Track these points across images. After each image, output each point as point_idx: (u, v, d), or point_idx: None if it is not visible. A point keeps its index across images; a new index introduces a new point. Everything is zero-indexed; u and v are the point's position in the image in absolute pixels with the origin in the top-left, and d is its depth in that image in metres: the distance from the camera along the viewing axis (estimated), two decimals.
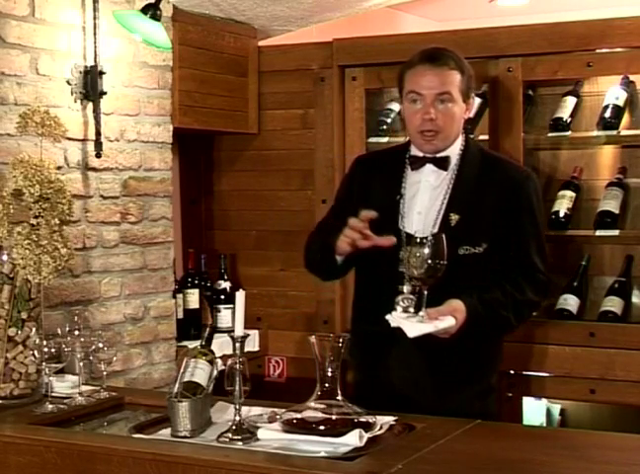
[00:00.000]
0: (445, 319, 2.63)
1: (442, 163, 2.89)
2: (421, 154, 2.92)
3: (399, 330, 2.62)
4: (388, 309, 2.70)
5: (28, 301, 2.88)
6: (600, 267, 4.07)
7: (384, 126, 4.28)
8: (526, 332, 3.90)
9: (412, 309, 2.69)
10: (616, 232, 3.85)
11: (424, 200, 2.89)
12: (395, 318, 2.65)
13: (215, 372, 2.55)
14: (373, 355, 2.89)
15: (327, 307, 4.25)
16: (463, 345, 2.76)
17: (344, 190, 3.10)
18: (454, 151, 2.91)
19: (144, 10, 3.46)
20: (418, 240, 2.60)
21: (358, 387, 2.98)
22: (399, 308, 2.71)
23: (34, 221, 2.83)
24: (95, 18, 3.46)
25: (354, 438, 2.30)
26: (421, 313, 2.61)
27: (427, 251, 2.57)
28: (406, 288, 2.74)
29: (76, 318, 2.99)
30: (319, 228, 3.09)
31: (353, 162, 3.14)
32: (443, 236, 2.61)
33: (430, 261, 2.57)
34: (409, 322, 2.62)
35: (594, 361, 3.79)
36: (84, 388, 2.92)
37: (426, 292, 2.61)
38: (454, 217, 2.80)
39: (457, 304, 2.68)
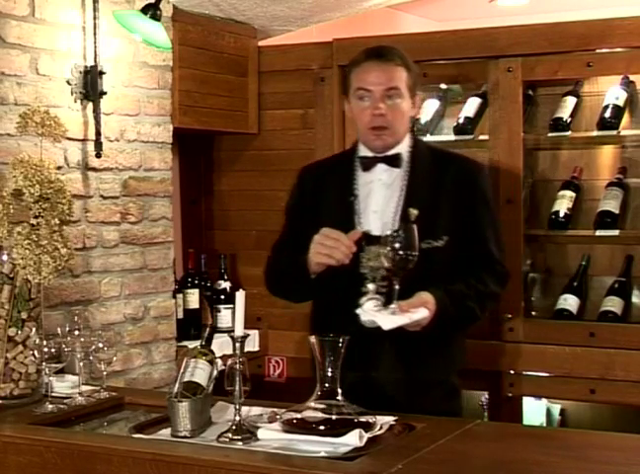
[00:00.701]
0: (418, 311, 2.62)
1: (394, 161, 2.89)
2: (371, 154, 2.91)
3: (366, 330, 2.60)
4: (352, 310, 2.69)
5: (28, 301, 2.88)
6: (600, 267, 4.07)
7: None
8: (526, 332, 3.91)
9: (379, 307, 2.66)
10: (616, 232, 3.86)
11: (379, 199, 2.88)
12: (367, 311, 2.62)
13: (215, 372, 2.55)
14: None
15: None
16: (427, 343, 2.75)
17: (295, 203, 3.06)
18: (404, 148, 2.91)
19: (144, 10, 3.46)
20: (389, 234, 2.60)
21: None
22: (369, 304, 2.68)
23: (34, 221, 2.83)
24: (95, 18, 3.46)
25: (354, 438, 2.30)
26: (392, 306, 2.60)
27: (398, 242, 2.57)
28: (371, 287, 2.72)
29: (76, 318, 2.99)
30: (278, 248, 3.03)
31: (299, 173, 3.08)
32: (415, 227, 2.60)
33: (401, 252, 2.57)
34: (382, 315, 2.59)
35: (594, 361, 3.79)
36: (84, 388, 2.92)
37: (397, 285, 2.60)
38: (413, 212, 2.73)
39: (427, 296, 2.68)
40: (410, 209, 2.66)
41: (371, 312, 2.62)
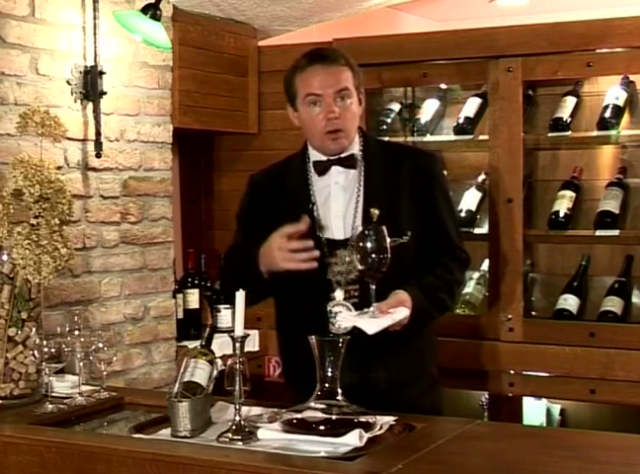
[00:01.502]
0: (398, 310, 2.59)
1: (349, 162, 2.85)
2: (324, 158, 2.87)
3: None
4: (320, 318, 2.68)
5: (28, 301, 2.88)
6: (600, 267, 4.07)
7: (384, 126, 4.28)
8: (526, 332, 3.91)
9: (349, 312, 2.64)
10: (616, 232, 3.85)
11: (339, 203, 2.84)
12: (347, 318, 2.59)
13: (215, 372, 2.55)
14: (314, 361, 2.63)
15: None
16: (407, 336, 2.72)
17: (245, 212, 3.00)
18: (356, 148, 2.88)
19: (144, 10, 3.46)
20: (357, 237, 2.57)
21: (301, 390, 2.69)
22: (341, 313, 2.66)
23: (34, 221, 2.83)
24: (95, 18, 3.46)
25: (354, 438, 2.30)
26: (371, 308, 2.55)
27: (370, 244, 2.54)
28: (338, 294, 2.69)
29: (76, 318, 2.98)
30: (231, 254, 3.00)
31: (248, 181, 3.02)
32: (383, 227, 2.56)
33: (374, 255, 2.54)
34: (363, 320, 2.55)
35: (594, 361, 3.79)
36: (84, 388, 2.92)
37: (373, 287, 2.56)
38: (375, 212, 2.68)
39: (404, 295, 2.65)
40: (371, 210, 2.64)
41: (352, 318, 2.59)
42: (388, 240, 2.56)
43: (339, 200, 2.84)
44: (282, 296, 2.92)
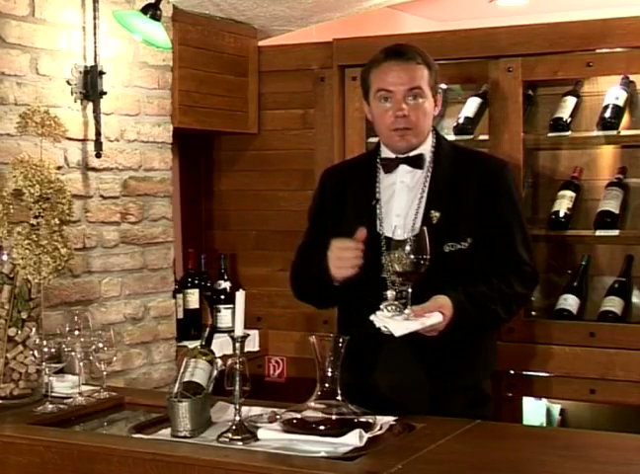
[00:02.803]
0: (432, 316, 2.57)
1: (417, 162, 2.84)
2: (393, 155, 2.86)
3: (386, 335, 2.56)
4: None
5: (28, 301, 2.88)
6: (600, 267, 4.07)
7: None
8: (526, 332, 3.91)
9: (394, 313, 2.63)
10: (616, 232, 3.85)
11: (401, 202, 2.83)
12: (380, 318, 2.59)
13: (215, 372, 2.55)
14: (362, 358, 2.77)
15: None
16: (455, 345, 2.71)
17: (317, 206, 3.01)
18: (427, 148, 2.86)
19: (144, 10, 3.46)
20: (400, 239, 2.56)
21: (345, 390, 2.77)
22: (385, 310, 2.65)
23: (34, 221, 2.83)
24: (95, 18, 3.46)
25: (354, 438, 2.30)
26: (406, 311, 2.55)
27: (409, 246, 2.53)
28: (390, 294, 2.67)
29: (76, 318, 2.98)
30: (302, 254, 2.98)
31: (321, 176, 3.05)
32: (425, 230, 2.56)
33: (412, 256, 2.53)
34: (394, 321, 2.55)
35: (594, 361, 3.79)
36: (84, 388, 2.93)
37: (410, 289, 2.55)
38: (435, 215, 2.74)
39: (443, 300, 2.62)
40: (432, 212, 2.64)
41: (384, 318, 2.58)
42: (429, 243, 2.53)
43: (402, 200, 2.83)
44: (344, 294, 2.91)
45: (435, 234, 2.60)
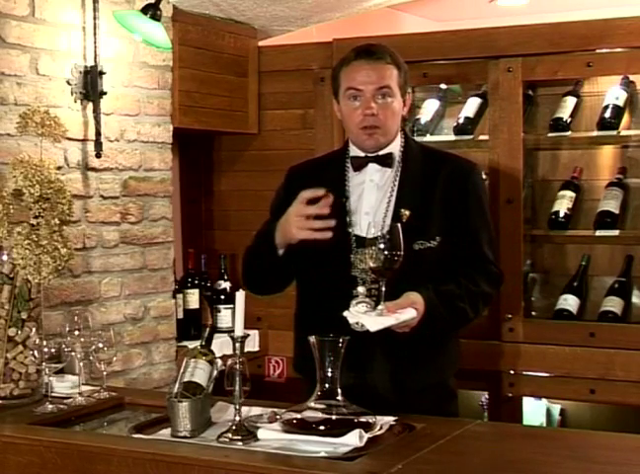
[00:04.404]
0: (406, 311, 2.58)
1: (386, 160, 2.85)
2: (362, 154, 2.87)
3: (357, 333, 2.55)
4: (342, 314, 2.65)
5: (28, 301, 2.88)
6: (600, 267, 4.07)
7: None
8: (526, 332, 3.91)
9: (367, 309, 2.64)
10: (616, 232, 3.86)
11: (370, 200, 2.84)
12: (353, 313, 2.59)
13: (215, 372, 2.55)
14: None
15: None
16: (420, 344, 2.72)
17: (279, 202, 2.98)
18: (396, 148, 2.87)
19: (144, 10, 3.46)
20: (374, 236, 2.57)
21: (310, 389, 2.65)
22: (357, 306, 2.66)
23: (34, 221, 2.83)
24: (95, 18, 3.46)
25: (354, 438, 2.30)
26: (380, 307, 2.56)
27: (383, 243, 2.53)
28: (361, 290, 2.68)
29: (76, 318, 2.98)
30: (255, 238, 2.99)
31: (286, 173, 3.05)
32: (398, 225, 2.57)
33: (387, 252, 2.53)
34: (368, 316, 2.56)
35: (594, 361, 3.79)
36: (84, 388, 2.92)
37: (383, 286, 2.56)
38: (405, 213, 2.74)
39: (415, 296, 2.63)
40: (402, 210, 2.64)
41: (358, 314, 2.59)
42: (402, 240, 2.55)
43: (371, 198, 2.84)
44: (306, 291, 2.92)
45: (404, 232, 2.59)
